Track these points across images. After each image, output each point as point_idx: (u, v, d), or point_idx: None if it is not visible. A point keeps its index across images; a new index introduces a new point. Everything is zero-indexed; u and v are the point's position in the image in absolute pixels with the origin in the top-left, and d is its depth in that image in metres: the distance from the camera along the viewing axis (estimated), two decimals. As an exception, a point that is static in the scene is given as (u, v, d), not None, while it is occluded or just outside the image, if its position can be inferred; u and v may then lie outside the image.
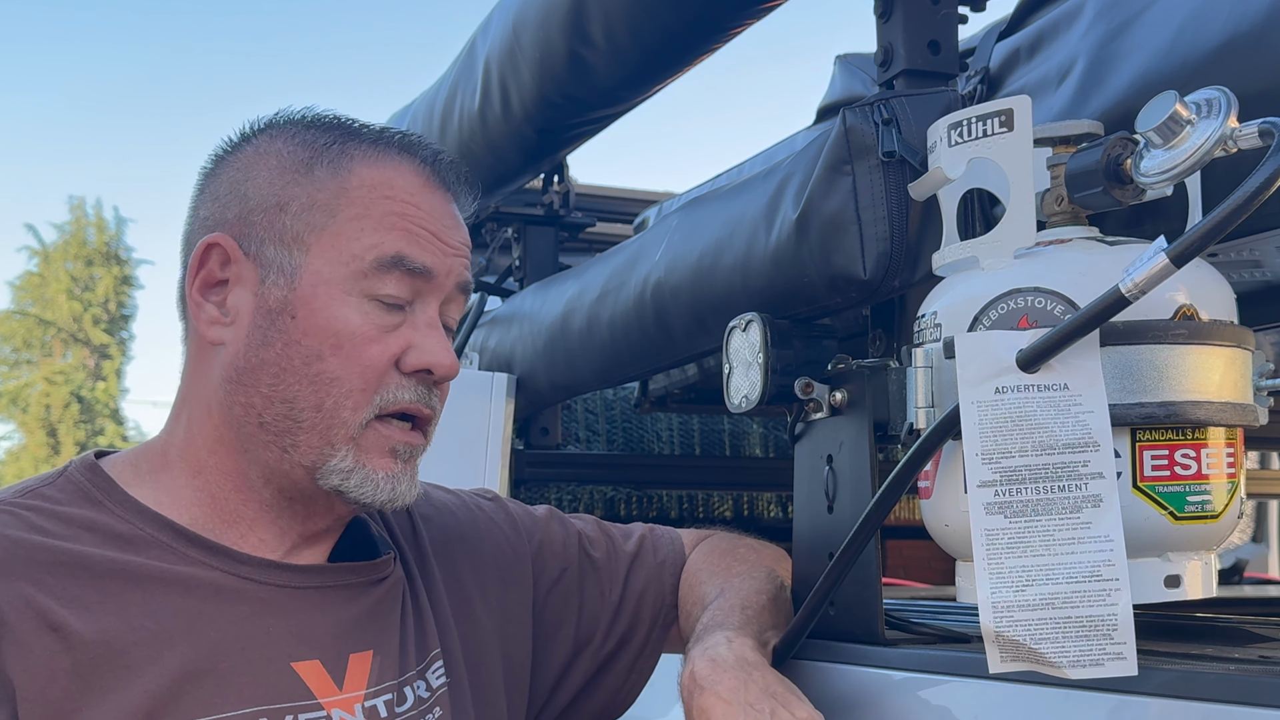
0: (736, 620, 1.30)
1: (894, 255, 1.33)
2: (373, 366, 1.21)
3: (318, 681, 1.19)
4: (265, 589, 1.21)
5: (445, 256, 1.25)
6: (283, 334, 1.21)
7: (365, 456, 1.21)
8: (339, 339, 1.20)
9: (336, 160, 1.25)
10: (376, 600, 1.28)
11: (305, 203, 1.23)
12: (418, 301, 1.24)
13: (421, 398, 1.24)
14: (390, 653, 1.26)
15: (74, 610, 1.11)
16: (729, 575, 1.42)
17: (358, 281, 1.21)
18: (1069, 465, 1.03)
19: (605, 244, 2.84)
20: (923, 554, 3.20)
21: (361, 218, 1.22)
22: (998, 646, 1.02)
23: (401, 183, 1.25)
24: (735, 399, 1.47)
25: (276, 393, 1.20)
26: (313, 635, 1.21)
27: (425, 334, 1.24)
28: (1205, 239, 0.96)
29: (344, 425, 1.20)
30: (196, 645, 1.14)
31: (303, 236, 1.22)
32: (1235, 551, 3.43)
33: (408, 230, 1.23)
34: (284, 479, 1.22)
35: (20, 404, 25.70)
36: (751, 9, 1.67)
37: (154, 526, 1.20)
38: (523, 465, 2.43)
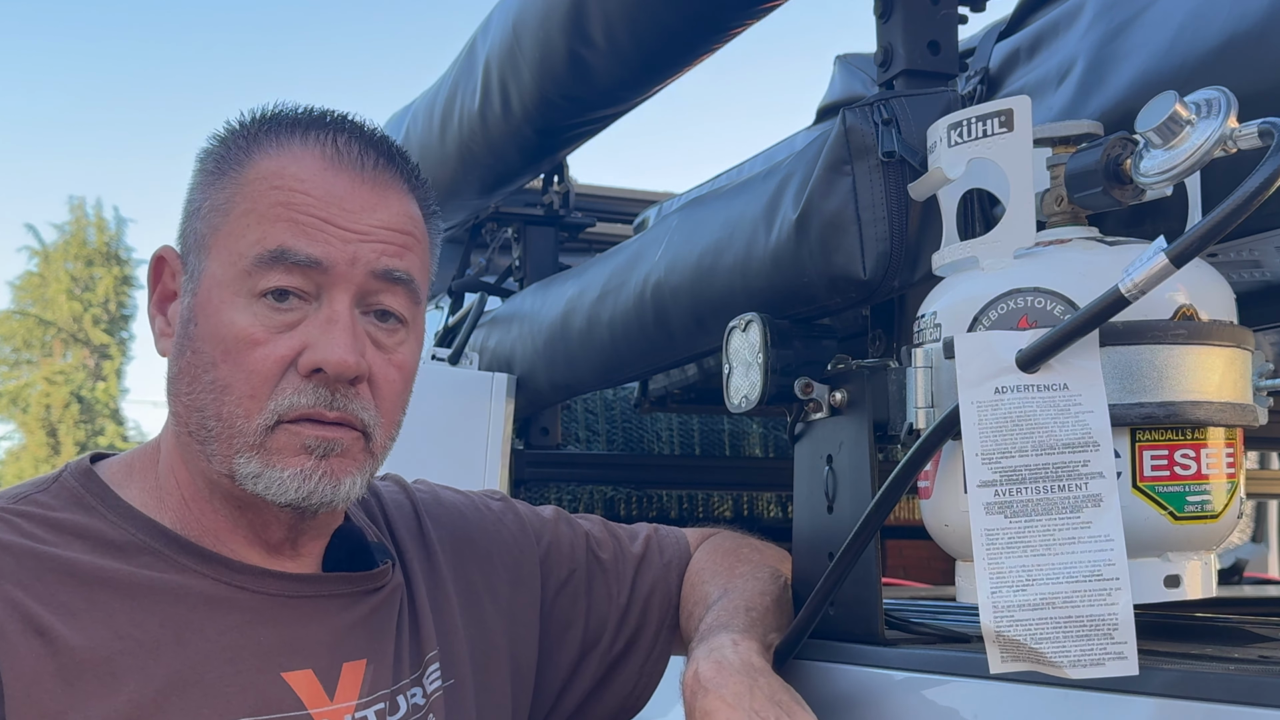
0: (741, 622, 1.29)
1: (894, 255, 1.33)
2: (259, 371, 1.14)
3: (309, 691, 1.17)
4: (257, 598, 1.18)
5: (345, 244, 1.16)
6: (191, 342, 1.17)
7: (273, 458, 1.15)
8: (225, 344, 1.15)
9: (241, 156, 1.19)
10: (372, 608, 1.26)
11: (209, 205, 1.19)
12: (323, 296, 1.16)
13: (322, 400, 1.15)
14: (384, 661, 1.24)
15: (61, 617, 1.10)
16: (732, 575, 1.41)
17: (244, 281, 1.15)
18: (1069, 465, 1.03)
19: (605, 244, 2.84)
20: (923, 554, 3.20)
21: (248, 213, 1.16)
22: (998, 646, 1.02)
23: (294, 169, 1.17)
24: (735, 399, 1.47)
25: (192, 401, 1.17)
26: (305, 645, 1.19)
27: (323, 331, 1.15)
28: (1205, 239, 0.96)
29: (241, 434, 1.15)
30: (184, 655, 1.13)
31: (205, 239, 1.18)
32: (1235, 551, 3.43)
33: (293, 220, 1.15)
34: (220, 488, 1.19)
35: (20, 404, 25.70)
36: (751, 9, 1.67)
37: (146, 532, 1.18)
38: (523, 465, 2.43)
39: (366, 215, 1.17)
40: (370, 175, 1.19)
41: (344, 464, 1.17)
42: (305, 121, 1.21)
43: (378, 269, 1.17)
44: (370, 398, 1.18)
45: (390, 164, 1.22)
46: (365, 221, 1.17)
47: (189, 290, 1.19)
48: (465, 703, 1.31)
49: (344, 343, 1.14)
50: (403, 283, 1.19)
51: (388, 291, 1.19)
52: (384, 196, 1.19)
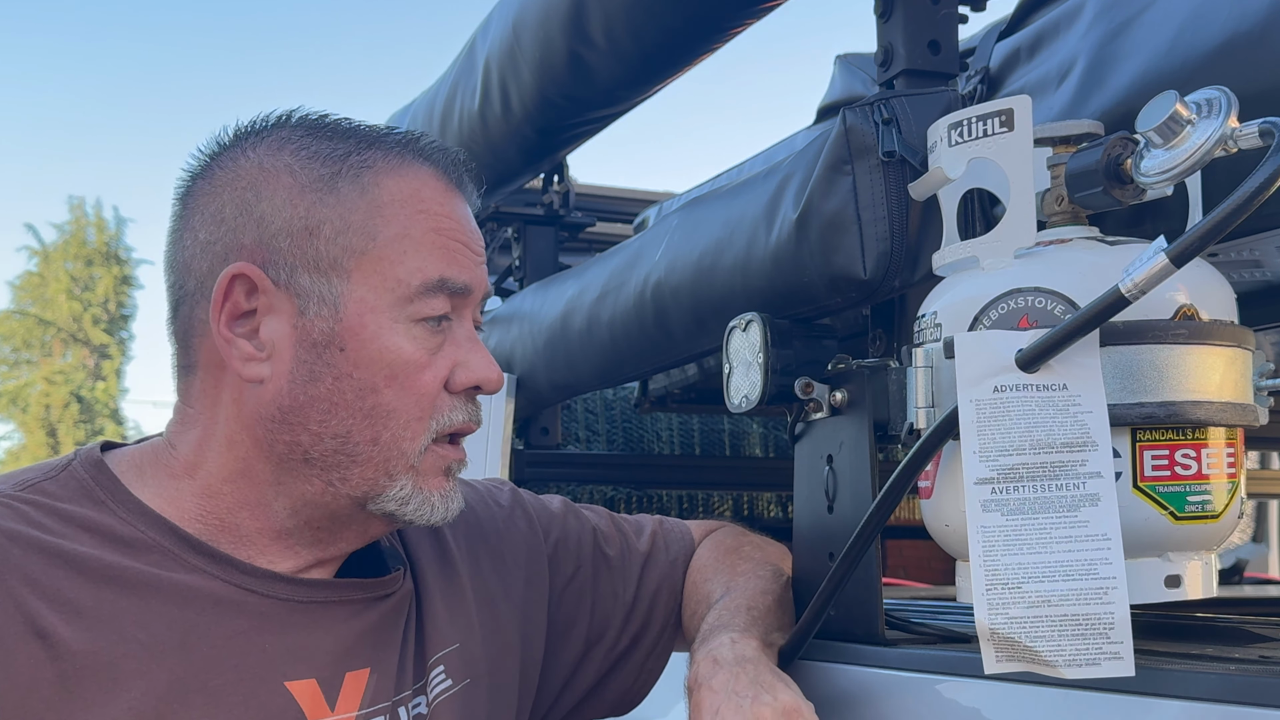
0: (742, 621, 1.29)
1: (894, 255, 1.33)
2: (428, 394, 1.18)
3: (310, 701, 1.15)
4: (266, 602, 1.17)
5: (478, 268, 1.23)
6: (332, 368, 1.16)
7: (423, 480, 1.19)
8: (393, 369, 1.16)
9: (358, 173, 1.18)
10: (380, 616, 1.24)
11: (338, 225, 1.16)
12: (454, 316, 1.21)
13: (473, 416, 1.22)
14: (388, 671, 1.22)
15: (65, 616, 1.07)
16: (734, 574, 1.41)
17: (404, 307, 1.17)
18: (1067, 464, 1.03)
19: (605, 244, 2.84)
20: (923, 554, 3.21)
21: (402, 238, 1.17)
22: (993, 645, 1.02)
23: (429, 194, 1.20)
24: (735, 399, 1.47)
25: (327, 429, 1.16)
26: (310, 652, 1.17)
27: (469, 350, 1.21)
28: (1205, 239, 0.96)
29: (403, 456, 1.17)
30: (188, 660, 1.11)
31: (341, 262, 1.16)
32: (1235, 551, 3.43)
33: (446, 248, 1.19)
34: (320, 509, 1.19)
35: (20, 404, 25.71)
36: (751, 9, 1.67)
37: (157, 530, 1.15)
38: (523, 465, 2.43)
39: (478, 237, 1.24)
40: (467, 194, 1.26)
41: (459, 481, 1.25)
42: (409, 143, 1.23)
43: (488, 290, 1.25)
44: None
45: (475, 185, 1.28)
46: (479, 243, 1.24)
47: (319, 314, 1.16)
48: (478, 703, 1.30)
49: (490, 361, 1.22)
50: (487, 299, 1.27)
51: (479, 307, 1.25)
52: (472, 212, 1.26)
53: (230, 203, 1.18)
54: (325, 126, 1.22)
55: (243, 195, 1.18)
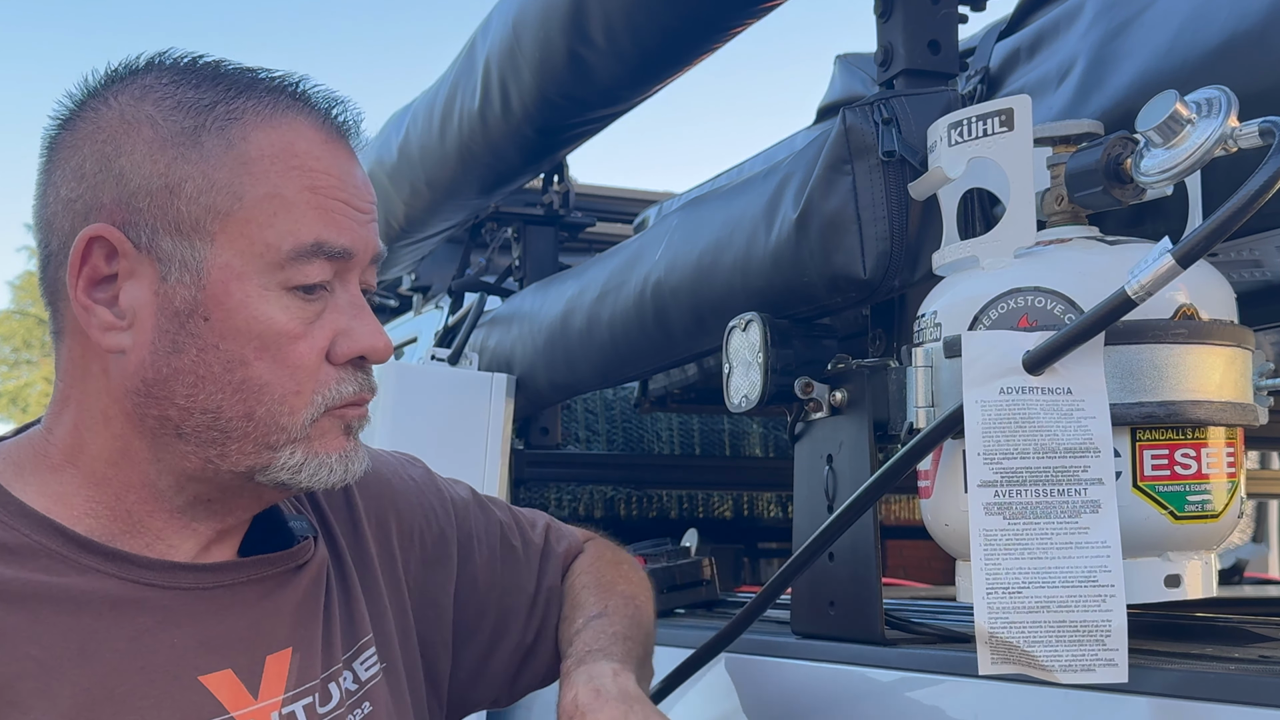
0: (619, 651, 1.25)
1: (894, 255, 1.33)
2: (303, 367, 1.08)
3: (230, 693, 1.08)
4: (168, 594, 1.09)
5: (361, 228, 1.10)
6: (196, 339, 1.07)
7: (316, 445, 1.10)
8: (263, 341, 1.06)
9: (224, 125, 1.07)
10: (295, 590, 1.17)
11: (200, 183, 1.06)
12: (337, 281, 1.10)
13: (363, 386, 1.12)
14: (311, 648, 1.15)
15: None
16: (611, 593, 1.37)
17: (274, 273, 1.06)
18: (1069, 469, 1.03)
19: (605, 244, 2.84)
20: (923, 554, 3.21)
21: (272, 198, 1.06)
22: (990, 647, 1.02)
23: (304, 146, 1.08)
24: (735, 399, 1.47)
25: (195, 403, 1.07)
26: (222, 641, 1.10)
27: (352, 317, 1.10)
28: (1210, 239, 0.95)
29: (283, 430, 1.08)
30: (91, 670, 1.02)
31: (203, 224, 1.06)
32: (1235, 551, 3.43)
33: (323, 208, 1.08)
34: (206, 484, 1.10)
35: (20, 404, 25.71)
36: (751, 9, 1.67)
37: (42, 533, 1.06)
38: (523, 465, 2.43)
39: (365, 191, 1.12)
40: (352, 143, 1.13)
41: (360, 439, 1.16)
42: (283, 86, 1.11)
43: (377, 253, 1.14)
44: None
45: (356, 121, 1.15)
46: (366, 199, 1.12)
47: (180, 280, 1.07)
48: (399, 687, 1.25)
49: (378, 328, 1.11)
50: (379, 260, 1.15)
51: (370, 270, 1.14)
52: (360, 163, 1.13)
53: (90, 157, 1.08)
54: (194, 71, 1.11)
55: (103, 149, 1.08)
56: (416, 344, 3.16)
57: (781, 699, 1.39)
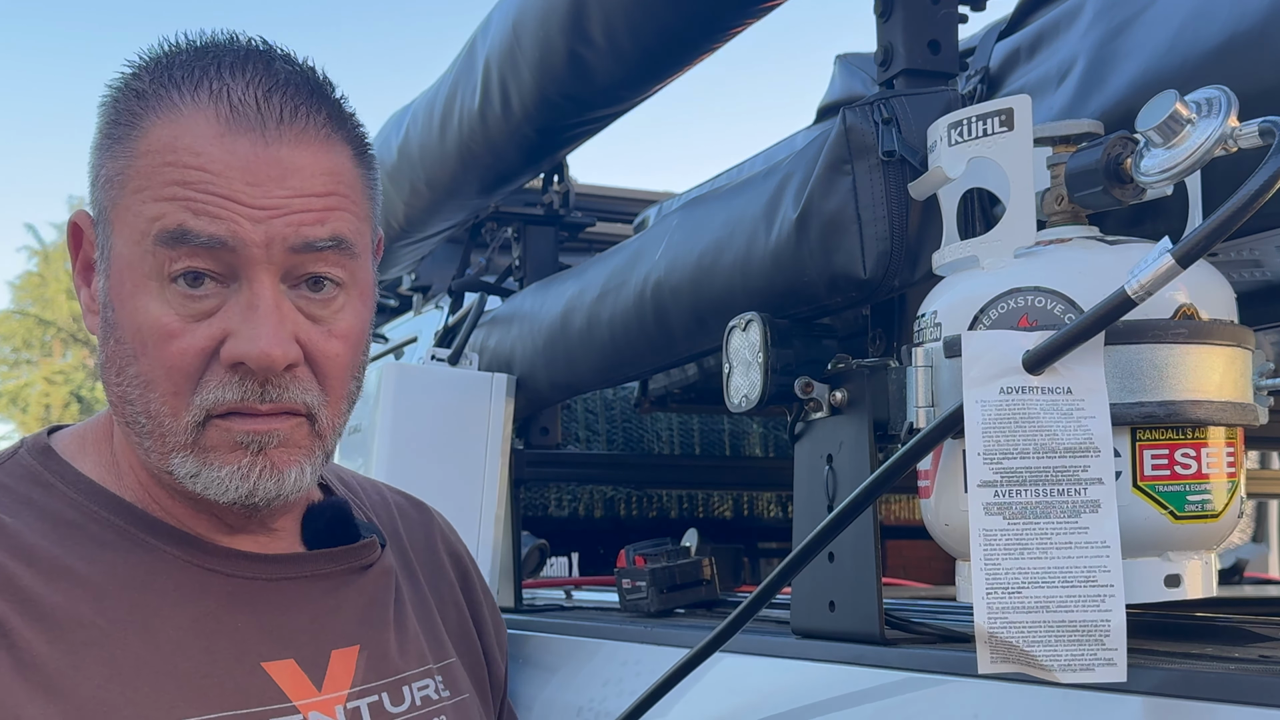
0: None
1: (894, 255, 1.33)
2: (178, 367, 1.03)
3: (292, 682, 1.08)
4: (232, 581, 1.09)
5: (255, 223, 1.02)
6: (112, 329, 1.07)
7: (208, 456, 1.05)
8: (143, 335, 1.04)
9: (131, 120, 1.06)
10: (363, 589, 1.17)
11: (106, 174, 1.07)
12: (241, 276, 1.04)
13: (251, 394, 1.04)
14: (381, 649, 1.15)
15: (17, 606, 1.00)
16: None
17: (150, 262, 1.03)
18: (1069, 469, 1.03)
19: (605, 244, 2.84)
20: (923, 554, 3.21)
21: (141, 190, 1.04)
22: (989, 647, 1.02)
23: (189, 140, 1.03)
24: (735, 399, 1.47)
25: (122, 393, 1.07)
26: (286, 632, 1.09)
27: (244, 318, 1.03)
28: (1210, 238, 0.95)
29: (170, 432, 1.05)
30: (154, 645, 1.03)
31: (108, 213, 1.07)
32: (1235, 551, 3.43)
33: (189, 199, 1.02)
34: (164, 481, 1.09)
35: (20, 404, 25.73)
36: (751, 9, 1.67)
37: (110, 508, 1.08)
38: (523, 465, 2.43)
39: (275, 186, 1.03)
40: (275, 133, 1.04)
41: (286, 454, 1.07)
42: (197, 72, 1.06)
43: (296, 243, 1.04)
44: (311, 379, 1.08)
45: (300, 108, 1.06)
46: (275, 194, 1.03)
47: (102, 269, 1.08)
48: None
49: (267, 333, 1.03)
50: (331, 247, 1.06)
51: (315, 259, 1.06)
52: (295, 156, 1.05)
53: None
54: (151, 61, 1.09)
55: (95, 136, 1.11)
56: (416, 344, 3.16)
57: (781, 699, 1.39)
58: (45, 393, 25.56)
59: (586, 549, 2.98)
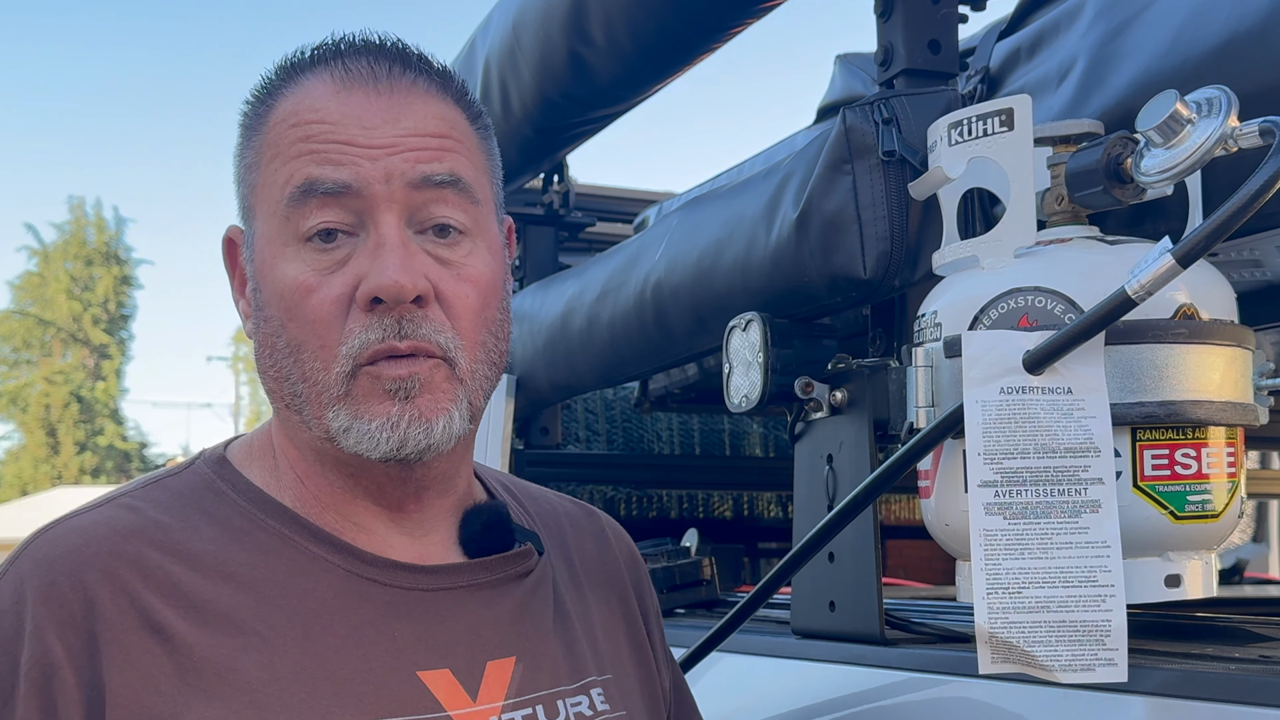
0: None
1: (894, 255, 1.33)
2: (320, 319, 1.06)
3: (447, 693, 1.07)
4: (389, 591, 1.10)
5: (374, 161, 1.07)
6: (261, 311, 1.11)
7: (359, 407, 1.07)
8: (286, 300, 1.07)
9: (264, 109, 1.12)
10: (520, 600, 1.16)
11: (245, 165, 1.12)
12: (368, 224, 1.07)
13: (390, 331, 1.06)
14: (539, 661, 1.13)
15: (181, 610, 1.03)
16: None
17: (286, 228, 1.07)
18: (1069, 469, 1.03)
19: (605, 244, 2.84)
20: (923, 554, 3.20)
21: (274, 159, 1.09)
22: (990, 647, 1.02)
23: (309, 103, 1.09)
24: (735, 399, 1.47)
25: (279, 372, 1.10)
26: (441, 642, 1.09)
27: (372, 257, 1.06)
28: (1210, 238, 0.95)
29: (326, 388, 1.07)
30: (313, 652, 1.04)
31: (248, 200, 1.12)
32: (1236, 551, 3.43)
33: (314, 151, 1.07)
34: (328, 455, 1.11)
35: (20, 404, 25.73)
36: (751, 9, 1.67)
37: (274, 516, 1.11)
38: (523, 465, 2.43)
39: (389, 127, 1.08)
40: (386, 86, 1.10)
41: (432, 401, 1.08)
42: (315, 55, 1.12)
43: (414, 178, 1.07)
44: (444, 319, 1.09)
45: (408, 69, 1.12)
46: (389, 133, 1.08)
47: (249, 259, 1.13)
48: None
49: (394, 263, 1.05)
50: (450, 184, 1.09)
51: (437, 200, 1.08)
52: (407, 103, 1.10)
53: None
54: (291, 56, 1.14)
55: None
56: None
57: (781, 699, 1.39)
58: (45, 393, 25.57)
59: (586, 549, 2.97)
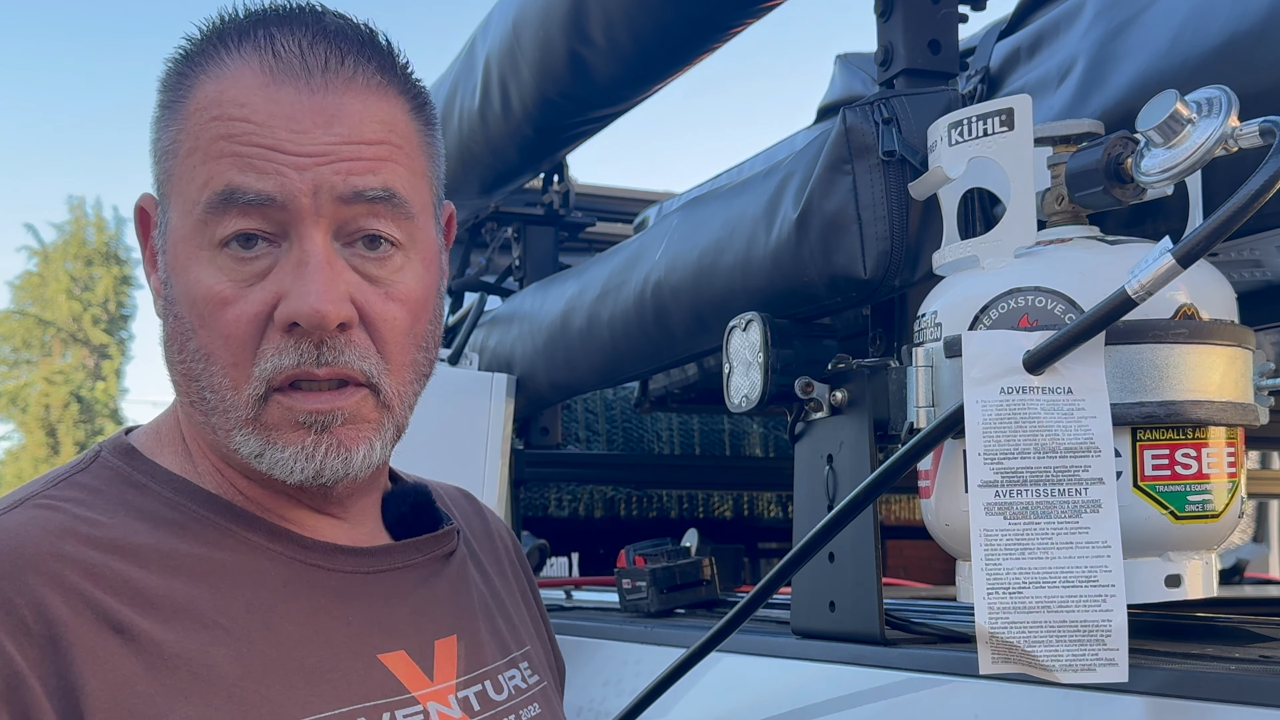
0: None
1: (894, 254, 1.33)
2: (234, 335, 0.99)
3: (407, 673, 1.05)
4: (334, 576, 1.06)
5: (301, 171, 0.98)
6: (172, 306, 1.03)
7: (270, 434, 1.01)
8: (198, 306, 0.99)
9: (184, 84, 1.02)
10: (449, 580, 1.15)
11: (164, 145, 1.03)
12: (291, 233, 0.99)
13: (308, 358, 0.98)
14: (476, 638, 1.13)
15: (138, 609, 0.96)
16: None
17: (203, 231, 0.99)
18: (1070, 469, 1.03)
19: (605, 244, 2.85)
20: (923, 554, 3.21)
21: (193, 153, 1.00)
22: (990, 647, 1.02)
23: (234, 93, 0.99)
24: (735, 399, 1.47)
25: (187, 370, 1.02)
26: (392, 624, 1.07)
27: (294, 276, 0.98)
28: (1210, 238, 0.95)
29: (233, 406, 1.00)
30: (277, 642, 1.00)
31: (164, 186, 1.03)
32: (1236, 551, 3.43)
33: (236, 155, 0.98)
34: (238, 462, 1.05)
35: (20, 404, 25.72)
36: (751, 9, 1.67)
37: (205, 506, 1.04)
38: (523, 465, 2.43)
39: (320, 131, 0.99)
40: (321, 81, 1.00)
41: (355, 431, 1.02)
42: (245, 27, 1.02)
43: (345, 192, 0.99)
44: (368, 344, 1.02)
45: (347, 57, 1.02)
46: (321, 139, 0.99)
47: (162, 246, 1.04)
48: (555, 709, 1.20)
49: (318, 288, 0.97)
50: (383, 200, 1.01)
51: (368, 214, 1.01)
52: (341, 103, 1.00)
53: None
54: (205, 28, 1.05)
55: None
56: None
57: (781, 699, 1.39)
58: (45, 393, 25.55)
59: (586, 549, 2.98)
